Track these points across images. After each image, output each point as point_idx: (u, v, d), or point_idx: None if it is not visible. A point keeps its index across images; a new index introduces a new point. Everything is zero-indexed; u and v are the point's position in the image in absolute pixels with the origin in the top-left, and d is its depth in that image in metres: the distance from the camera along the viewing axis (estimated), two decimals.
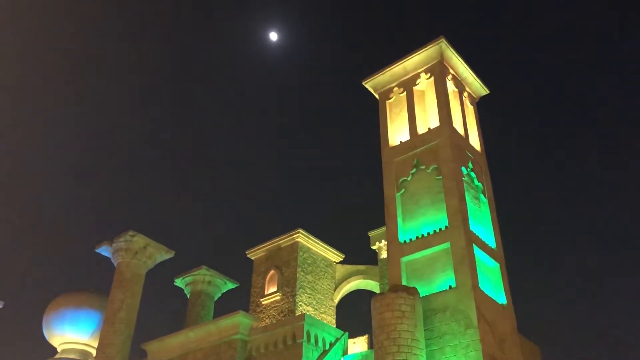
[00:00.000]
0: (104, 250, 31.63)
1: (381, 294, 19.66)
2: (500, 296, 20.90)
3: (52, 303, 33.02)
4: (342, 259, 30.66)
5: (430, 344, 18.80)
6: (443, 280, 20.17)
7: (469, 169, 22.78)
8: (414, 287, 19.46)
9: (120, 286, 30.15)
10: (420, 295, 19.43)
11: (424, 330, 18.77)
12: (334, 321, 28.58)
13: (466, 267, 19.58)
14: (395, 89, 26.28)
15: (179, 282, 33.87)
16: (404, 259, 21.35)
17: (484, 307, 19.08)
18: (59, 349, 32.49)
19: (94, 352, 31.90)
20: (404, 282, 20.56)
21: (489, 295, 20.04)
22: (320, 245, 29.66)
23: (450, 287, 19.63)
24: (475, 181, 23.03)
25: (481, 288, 19.65)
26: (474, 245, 20.58)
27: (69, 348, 31.95)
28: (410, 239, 21.55)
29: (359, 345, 27.00)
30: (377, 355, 18.09)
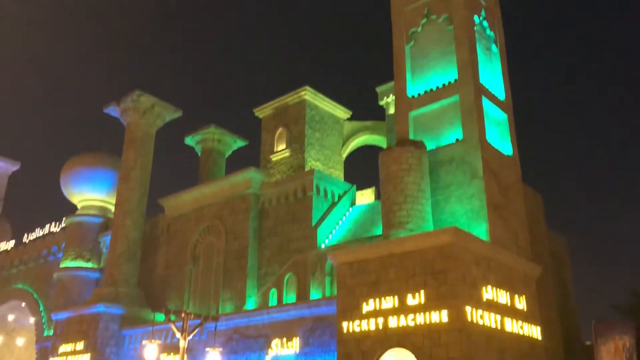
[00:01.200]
0: (112, 111, 31.77)
1: (389, 148, 19.94)
2: (506, 147, 21.14)
3: (67, 163, 33.89)
4: (349, 116, 30.71)
5: (436, 195, 19.42)
6: (450, 133, 20.28)
7: (481, 18, 21.83)
8: (421, 141, 19.65)
9: (131, 146, 30.71)
10: (427, 149, 19.68)
11: (430, 182, 19.28)
12: (342, 175, 29.38)
13: (474, 119, 19.56)
14: None
15: (189, 141, 34.38)
16: (412, 114, 21.29)
17: (490, 158, 19.39)
18: (78, 206, 33.96)
19: (112, 208, 33.33)
20: (411, 137, 20.72)
21: (495, 146, 20.26)
22: (328, 102, 29.54)
23: (457, 140, 19.78)
24: (488, 31, 22.19)
25: (488, 140, 19.81)
26: (482, 97, 20.38)
27: (88, 205, 33.37)
28: (419, 93, 21.33)
29: (366, 197, 28.02)
30: (384, 206, 18.79)
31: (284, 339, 21.04)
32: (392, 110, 27.70)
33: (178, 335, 11.91)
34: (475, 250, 16.74)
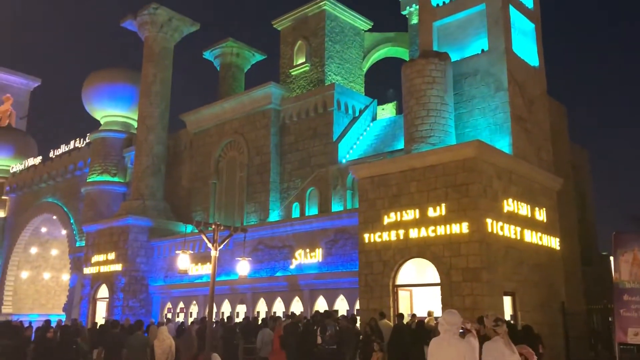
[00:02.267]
0: (129, 25, 31.28)
1: (411, 60, 19.54)
2: (532, 58, 20.58)
3: (88, 79, 33.88)
4: (370, 27, 29.87)
5: (459, 108, 19.23)
6: (475, 44, 19.74)
7: None
8: (445, 53, 19.19)
9: (150, 60, 30.49)
10: (452, 61, 19.25)
11: (453, 94, 19.02)
12: (362, 89, 29.04)
13: (500, 29, 18.95)
14: None
15: (207, 55, 34.00)
16: (436, 24, 20.66)
17: (515, 70, 18.96)
18: (101, 122, 34.32)
19: (134, 123, 33.65)
20: (435, 48, 20.22)
21: (522, 57, 19.74)
22: (348, 13, 28.68)
23: (482, 50, 19.29)
24: None
25: (514, 50, 19.27)
26: (510, 5, 19.62)
27: (111, 121, 33.68)
28: (444, 2, 20.58)
29: (387, 111, 27.82)
30: (406, 119, 18.70)
31: (307, 250, 21.79)
32: (415, 20, 26.84)
33: (209, 245, 12.39)
34: (498, 164, 16.79)
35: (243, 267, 13.91)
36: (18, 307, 38.91)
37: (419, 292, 18.11)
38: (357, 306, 19.27)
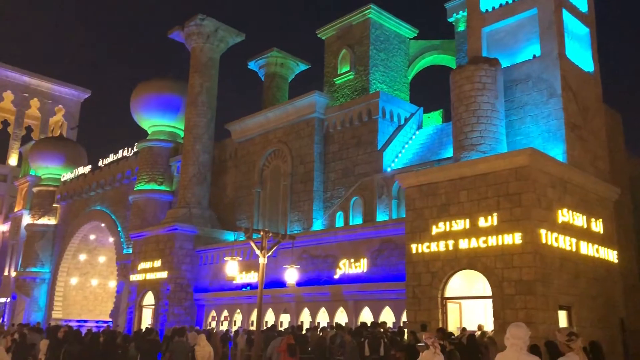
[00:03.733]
0: (177, 36, 31.88)
1: (461, 66, 19.12)
2: (587, 63, 19.85)
3: (136, 89, 34.67)
4: (415, 35, 29.54)
5: (510, 115, 18.68)
6: (527, 49, 19.17)
7: None
8: (495, 58, 18.70)
9: (197, 71, 30.94)
10: (502, 67, 18.75)
11: (504, 101, 18.50)
12: (407, 97, 28.67)
13: (553, 34, 18.35)
14: None
15: (252, 65, 34.30)
16: (485, 29, 20.18)
17: (569, 76, 18.31)
18: (149, 132, 35.00)
19: (180, 133, 34.17)
20: (484, 54, 19.75)
21: (575, 63, 19.06)
22: (393, 21, 28.44)
23: (534, 56, 18.71)
24: None
25: (567, 56, 18.63)
26: (563, 9, 18.99)
27: (158, 130, 34.31)
28: (493, 7, 20.10)
29: (433, 119, 27.38)
30: (455, 127, 18.28)
31: (352, 260, 21.50)
32: (461, 27, 26.36)
33: (258, 252, 12.31)
34: (552, 172, 16.17)
35: (291, 275, 13.76)
36: (67, 312, 39.88)
37: (469, 305, 17.57)
38: (404, 318, 18.87)
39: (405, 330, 17.09)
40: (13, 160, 53.24)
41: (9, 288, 42.69)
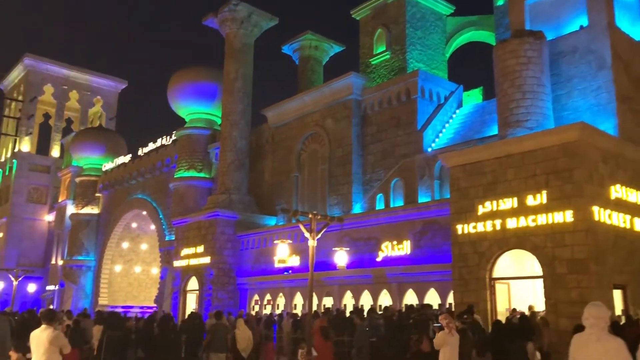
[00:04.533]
0: (211, 22, 31.90)
1: (504, 40, 18.52)
2: (638, 33, 19.00)
3: (172, 78, 34.90)
4: (453, 11, 28.82)
5: (556, 89, 18.06)
6: (573, 20, 18.46)
7: None
8: (539, 31, 18.05)
9: (232, 57, 30.94)
10: (547, 40, 18.09)
11: (550, 75, 17.88)
12: (445, 76, 28.06)
13: (602, 3, 17.58)
14: None
15: (286, 49, 34.11)
16: (528, 2, 19.50)
17: (620, 46, 17.54)
18: (186, 119, 35.28)
19: (217, 120, 34.34)
20: (527, 27, 19.09)
21: (626, 32, 18.24)
22: None
23: (581, 27, 18.00)
24: None
25: (617, 25, 17.84)
26: None
27: (196, 118, 34.54)
28: None
29: (473, 97, 26.76)
30: (499, 103, 17.77)
31: (394, 242, 21.28)
32: (500, 2, 25.53)
33: (307, 235, 12.23)
34: (603, 147, 15.58)
35: (341, 257, 13.69)
36: (113, 298, 40.90)
37: (518, 285, 17.19)
38: (449, 300, 18.62)
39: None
40: (55, 152, 54.54)
41: (57, 276, 44.00)
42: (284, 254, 12.91)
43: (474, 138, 21.67)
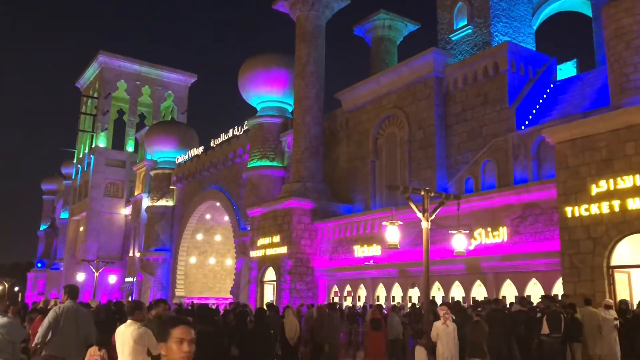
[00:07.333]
0: (281, 6, 30.94)
1: None
2: None
3: (243, 66, 34.25)
4: None
5: None
6: None
7: None
8: None
9: (303, 40, 29.85)
10: None
11: None
12: (534, 49, 25.82)
13: None
14: None
15: (358, 31, 32.76)
16: None
17: None
18: (257, 108, 34.59)
19: (288, 107, 33.44)
20: None
21: None
22: None
23: None
24: None
25: None
26: None
27: (267, 106, 33.77)
28: None
29: (565, 71, 24.49)
30: (612, 69, 15.69)
31: (489, 229, 19.52)
32: None
33: (420, 215, 10.88)
34: None
35: (460, 242, 12.30)
36: (189, 290, 41.05)
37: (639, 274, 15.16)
38: (555, 291, 16.79)
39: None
40: (130, 146, 55.65)
41: (135, 268, 44.72)
42: (394, 238, 11.56)
43: (574, 113, 19.53)
